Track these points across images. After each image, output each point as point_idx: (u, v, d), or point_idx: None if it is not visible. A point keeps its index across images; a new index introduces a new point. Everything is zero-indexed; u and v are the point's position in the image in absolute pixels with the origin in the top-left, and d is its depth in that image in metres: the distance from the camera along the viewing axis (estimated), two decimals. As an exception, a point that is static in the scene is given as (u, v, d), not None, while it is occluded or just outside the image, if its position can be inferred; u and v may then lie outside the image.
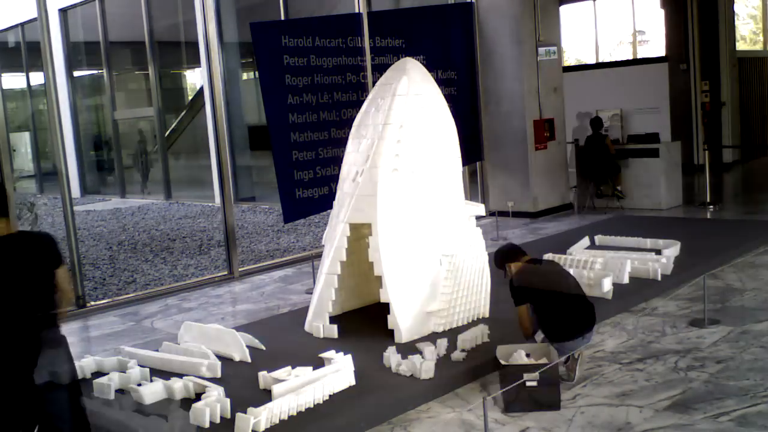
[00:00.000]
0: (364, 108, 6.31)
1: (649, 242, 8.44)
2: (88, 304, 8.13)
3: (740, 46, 20.29)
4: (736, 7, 18.38)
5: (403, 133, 5.90)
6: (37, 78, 22.67)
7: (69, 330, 7.34)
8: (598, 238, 8.88)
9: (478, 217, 6.50)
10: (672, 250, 7.95)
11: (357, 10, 10.04)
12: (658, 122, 15.83)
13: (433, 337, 5.76)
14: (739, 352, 5.42)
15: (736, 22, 18.76)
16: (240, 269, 9.28)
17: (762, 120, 19.05)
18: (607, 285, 6.66)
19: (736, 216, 10.89)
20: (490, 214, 11.10)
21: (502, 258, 5.37)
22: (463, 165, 6.62)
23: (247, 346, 5.79)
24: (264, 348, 5.92)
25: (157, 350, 5.95)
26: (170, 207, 17.73)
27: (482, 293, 6.29)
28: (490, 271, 6.33)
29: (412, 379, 5.03)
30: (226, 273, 9.26)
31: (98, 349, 6.70)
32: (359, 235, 6.19)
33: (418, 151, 5.95)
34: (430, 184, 5.98)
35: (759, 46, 23.25)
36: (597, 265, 7.10)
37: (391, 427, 4.64)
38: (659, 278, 7.19)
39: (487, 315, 6.34)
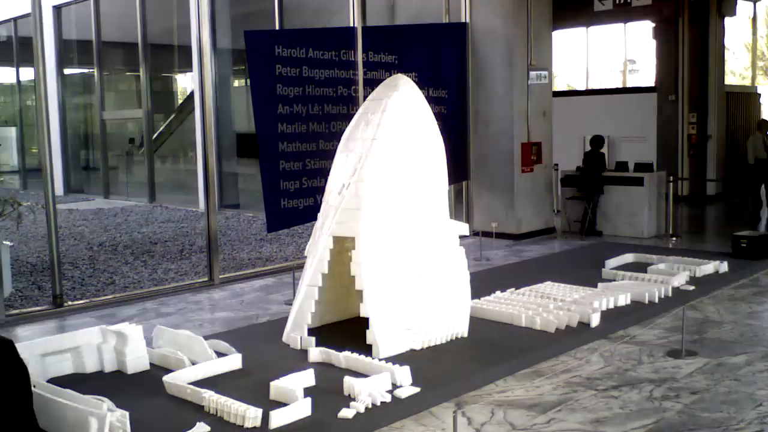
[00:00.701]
0: (354, 122, 6.32)
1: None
2: (65, 304, 8.06)
3: (728, 80, 20.50)
4: (728, 41, 18.59)
5: (391, 149, 5.91)
6: (27, 73, 22.57)
7: (45, 329, 7.29)
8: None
9: (462, 237, 6.51)
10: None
11: (352, 24, 10.08)
12: (645, 151, 15.96)
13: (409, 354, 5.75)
14: (714, 384, 5.44)
15: (727, 56, 18.96)
16: (220, 276, 9.25)
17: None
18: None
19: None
20: (474, 233, 11.12)
21: None
22: (450, 184, 6.65)
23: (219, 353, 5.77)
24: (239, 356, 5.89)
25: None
26: (153, 210, 17.65)
27: (461, 312, 6.31)
28: (470, 290, 6.37)
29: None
30: (206, 279, 9.21)
31: (73, 349, 6.64)
32: (343, 248, 6.19)
33: (405, 167, 5.97)
34: (416, 201, 6.00)
35: (748, 81, 23.52)
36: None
37: (364, 443, 4.62)
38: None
39: (465, 334, 6.35)
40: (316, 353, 5.76)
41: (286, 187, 9.01)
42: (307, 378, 5.18)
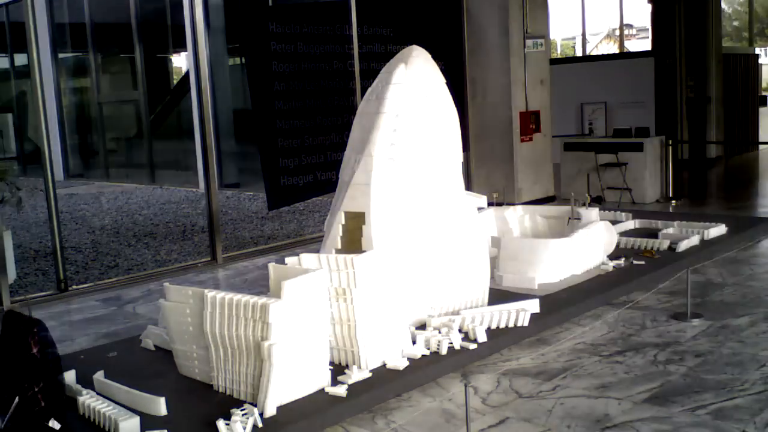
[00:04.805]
0: (366, 95, 6.23)
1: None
2: (69, 288, 8.09)
3: (726, 42, 20.40)
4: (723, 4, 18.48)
5: (400, 122, 5.82)
6: (21, 59, 22.47)
7: (51, 314, 7.32)
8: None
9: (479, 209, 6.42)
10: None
11: (345, -2, 10.00)
12: (643, 116, 15.91)
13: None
14: (717, 346, 5.48)
15: (724, 19, 18.86)
16: (223, 255, 9.27)
17: (746, 116, 19.19)
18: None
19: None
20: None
21: None
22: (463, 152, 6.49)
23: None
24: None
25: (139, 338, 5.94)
26: (154, 192, 17.66)
27: (481, 285, 6.23)
28: (490, 263, 6.35)
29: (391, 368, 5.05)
30: (209, 259, 9.24)
31: (79, 333, 6.68)
32: (360, 223, 6.10)
33: (416, 140, 5.86)
34: (428, 175, 5.89)
35: (745, 43, 23.38)
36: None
37: (372, 416, 4.66)
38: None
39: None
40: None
41: (285, 165, 9.00)
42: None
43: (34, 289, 8.45)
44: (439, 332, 5.53)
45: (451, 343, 5.36)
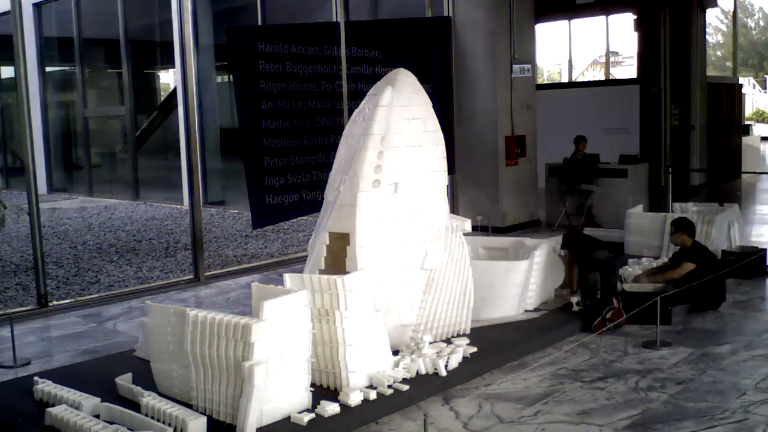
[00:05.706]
0: (353, 116, 6.25)
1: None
2: (50, 304, 8.01)
3: (709, 71, 20.62)
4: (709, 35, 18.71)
5: (385, 144, 5.83)
6: (7, 72, 22.38)
7: (30, 329, 7.25)
8: None
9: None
10: None
11: (335, 19, 10.05)
12: (628, 143, 16.02)
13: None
14: (698, 374, 5.49)
15: (709, 49, 19.09)
16: (206, 274, 9.22)
17: (729, 144, 19.37)
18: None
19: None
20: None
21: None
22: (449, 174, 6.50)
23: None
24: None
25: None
26: (137, 208, 17.56)
27: (464, 309, 6.22)
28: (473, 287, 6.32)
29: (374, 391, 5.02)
30: (191, 277, 9.19)
31: (59, 349, 6.62)
32: (345, 243, 6.07)
33: (401, 162, 5.87)
34: (413, 197, 5.90)
35: (729, 73, 23.65)
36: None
37: (352, 439, 4.63)
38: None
39: (468, 331, 6.25)
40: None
41: (271, 184, 8.99)
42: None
43: (13, 303, 8.36)
44: (422, 355, 5.52)
45: (435, 366, 5.35)
